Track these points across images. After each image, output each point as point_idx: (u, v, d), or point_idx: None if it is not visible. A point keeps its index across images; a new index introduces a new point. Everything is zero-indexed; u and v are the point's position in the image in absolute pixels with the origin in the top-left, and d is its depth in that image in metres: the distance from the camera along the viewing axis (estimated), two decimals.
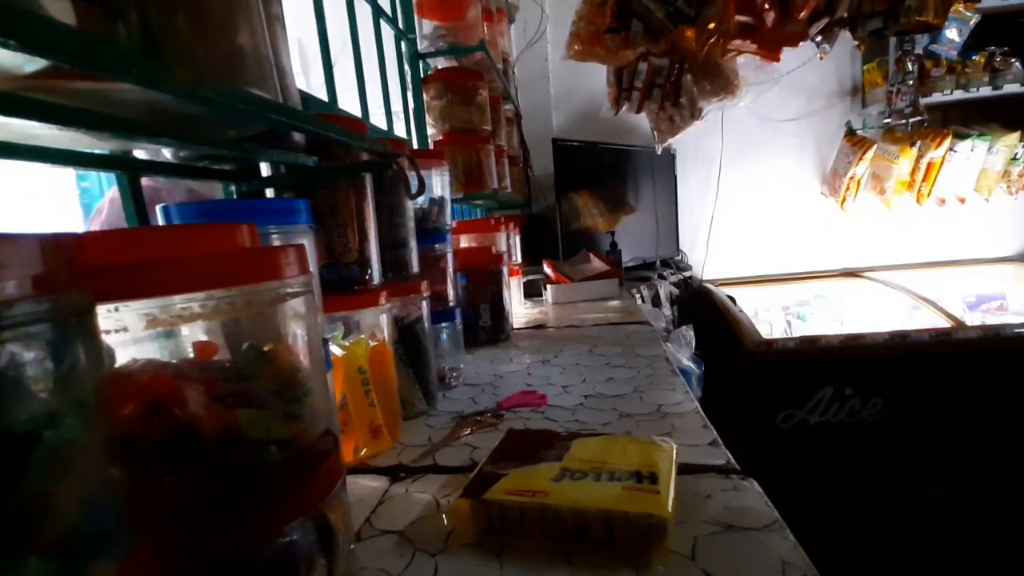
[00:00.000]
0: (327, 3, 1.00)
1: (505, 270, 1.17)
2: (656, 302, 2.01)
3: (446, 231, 0.90)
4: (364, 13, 1.20)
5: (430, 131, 1.42)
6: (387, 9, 1.33)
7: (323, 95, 1.00)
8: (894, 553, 1.68)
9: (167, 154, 0.55)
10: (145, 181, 0.59)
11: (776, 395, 1.84)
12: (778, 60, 1.71)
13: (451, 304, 0.90)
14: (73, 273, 0.19)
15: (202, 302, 0.28)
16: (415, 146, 1.42)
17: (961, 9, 2.18)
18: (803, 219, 2.67)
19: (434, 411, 0.72)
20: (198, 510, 0.29)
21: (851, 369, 1.79)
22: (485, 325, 1.12)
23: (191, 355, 0.31)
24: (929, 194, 2.45)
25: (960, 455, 1.73)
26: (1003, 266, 2.58)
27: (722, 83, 1.91)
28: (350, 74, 1.12)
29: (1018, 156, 2.40)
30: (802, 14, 1.56)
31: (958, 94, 2.32)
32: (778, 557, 0.37)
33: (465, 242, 1.28)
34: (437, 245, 0.88)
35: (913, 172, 2.42)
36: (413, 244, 0.77)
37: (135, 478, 0.24)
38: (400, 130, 1.41)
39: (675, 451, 0.49)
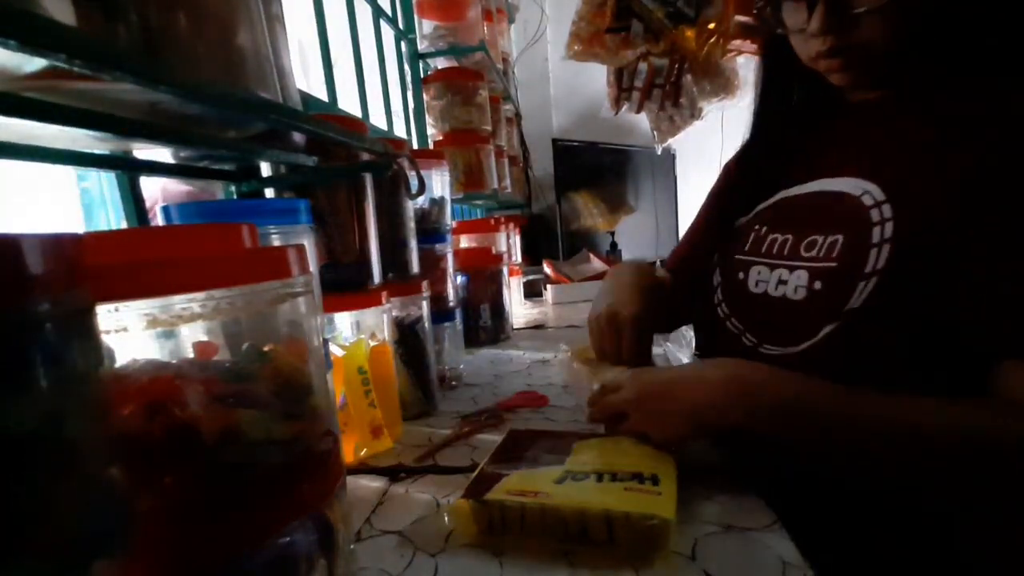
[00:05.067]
0: (327, 3, 1.00)
1: (505, 270, 1.17)
2: None
3: (446, 231, 0.90)
4: (364, 13, 1.20)
5: (430, 131, 1.42)
6: (387, 9, 1.34)
7: (323, 95, 1.00)
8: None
9: (167, 154, 0.55)
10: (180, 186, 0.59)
11: None
12: None
13: (451, 304, 0.90)
14: (73, 273, 0.19)
15: (202, 302, 0.28)
16: (415, 146, 1.42)
17: None
18: None
19: (434, 411, 0.72)
20: (198, 510, 0.29)
21: None
22: (485, 325, 1.12)
23: (191, 355, 0.31)
24: None
25: None
26: None
27: (722, 83, 1.91)
28: (350, 74, 1.12)
29: None
30: None
31: None
32: (778, 557, 0.37)
33: (465, 242, 1.28)
34: (437, 245, 0.88)
35: None
36: (413, 244, 0.77)
37: (135, 478, 0.24)
38: (400, 130, 1.41)
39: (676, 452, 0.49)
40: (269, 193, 0.65)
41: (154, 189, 0.62)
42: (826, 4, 0.48)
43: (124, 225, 0.59)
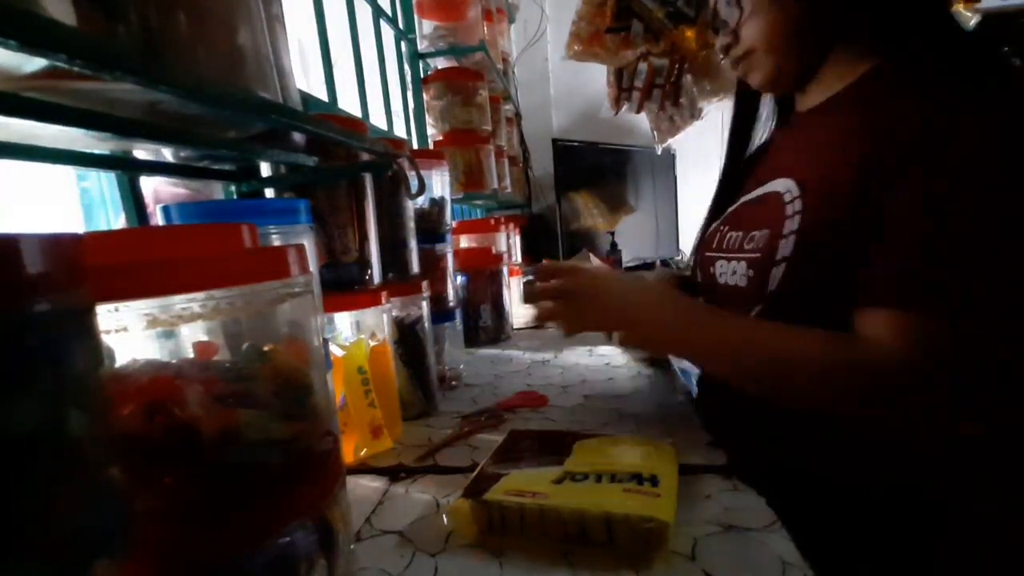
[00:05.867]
0: (327, 3, 1.00)
1: (505, 270, 1.17)
2: None
3: (446, 231, 0.90)
4: (364, 13, 1.20)
5: (430, 131, 1.42)
6: (387, 9, 1.34)
7: (323, 95, 1.00)
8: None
9: (167, 154, 0.55)
10: (172, 189, 0.59)
11: None
12: None
13: (451, 304, 0.90)
14: (73, 273, 0.19)
15: (202, 302, 0.28)
16: (415, 146, 1.42)
17: (961, 9, 2.18)
18: None
19: (434, 411, 0.72)
20: (198, 510, 0.29)
21: None
22: (485, 325, 1.12)
23: (191, 355, 0.31)
24: None
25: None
26: None
27: (722, 83, 1.91)
28: (350, 74, 1.12)
29: None
30: None
31: None
32: (778, 557, 0.37)
33: (465, 242, 1.27)
34: (437, 245, 0.88)
35: None
36: (413, 244, 0.77)
37: (135, 478, 0.24)
38: (400, 130, 1.41)
39: (676, 452, 0.49)
40: (269, 193, 0.65)
41: (147, 191, 0.63)
42: (719, 27, 0.64)
43: (124, 225, 0.59)
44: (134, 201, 0.58)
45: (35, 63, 0.29)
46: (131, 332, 0.27)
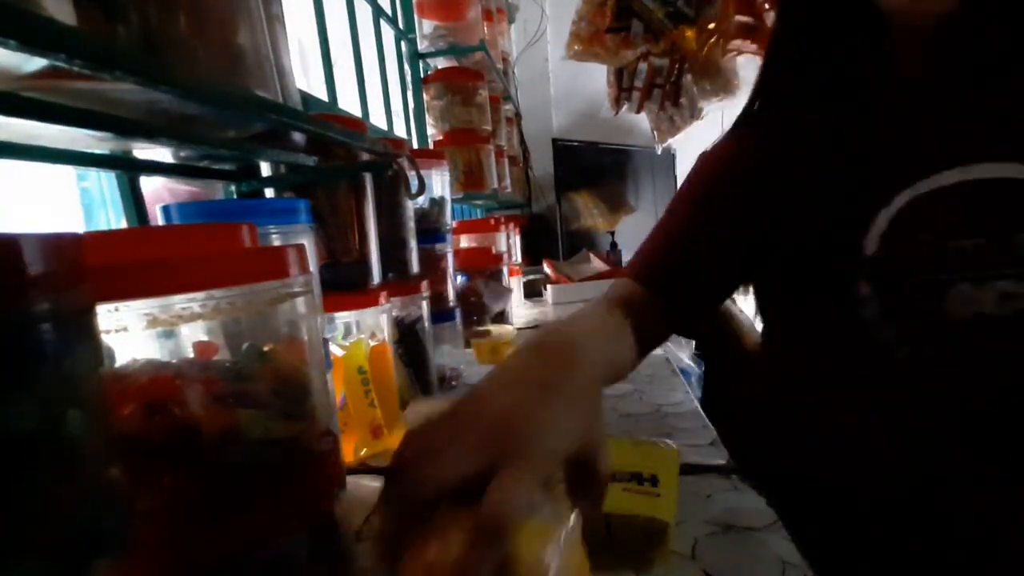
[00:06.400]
0: (327, 3, 1.00)
1: (505, 270, 1.17)
2: None
3: (446, 231, 0.90)
4: (364, 13, 1.20)
5: (430, 131, 1.42)
6: (387, 9, 1.34)
7: (323, 95, 1.00)
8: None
9: (167, 154, 0.55)
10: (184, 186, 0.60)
11: None
12: None
13: (451, 304, 0.90)
14: (73, 273, 0.19)
15: (202, 302, 0.28)
16: (415, 146, 1.42)
17: None
18: None
19: None
20: (198, 510, 0.29)
21: None
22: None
23: (191, 355, 0.31)
24: None
25: None
26: None
27: (722, 83, 1.91)
28: (350, 74, 1.12)
29: None
30: None
31: None
32: (778, 557, 0.37)
33: (465, 242, 1.28)
34: (437, 245, 0.88)
35: None
36: (413, 244, 0.77)
37: (135, 478, 0.24)
38: (400, 130, 1.41)
39: (677, 453, 0.48)
40: (269, 193, 0.65)
41: (158, 187, 0.63)
42: None
43: (124, 225, 0.59)
44: (134, 201, 0.58)
45: (35, 63, 0.29)
46: (131, 332, 0.27)
